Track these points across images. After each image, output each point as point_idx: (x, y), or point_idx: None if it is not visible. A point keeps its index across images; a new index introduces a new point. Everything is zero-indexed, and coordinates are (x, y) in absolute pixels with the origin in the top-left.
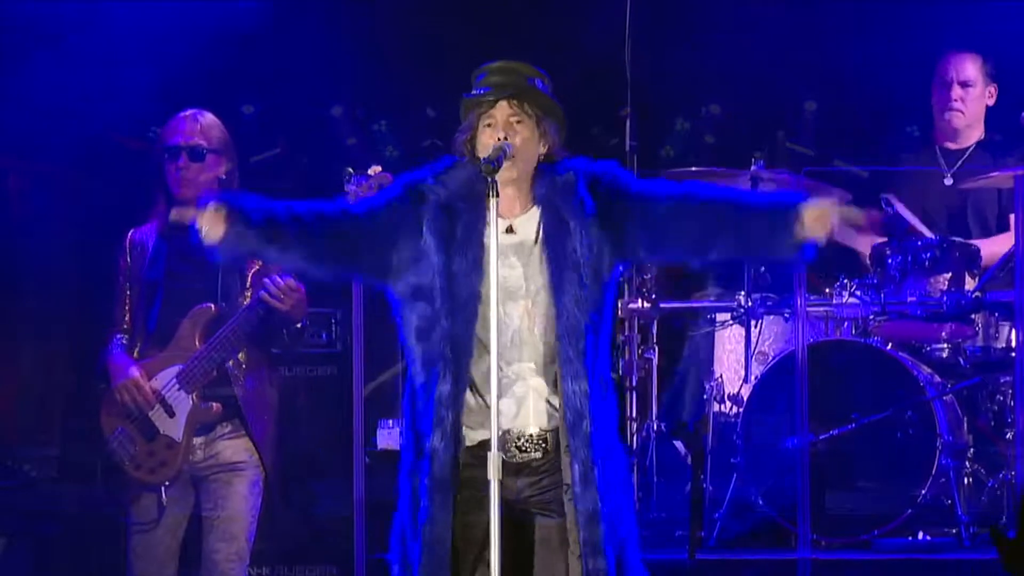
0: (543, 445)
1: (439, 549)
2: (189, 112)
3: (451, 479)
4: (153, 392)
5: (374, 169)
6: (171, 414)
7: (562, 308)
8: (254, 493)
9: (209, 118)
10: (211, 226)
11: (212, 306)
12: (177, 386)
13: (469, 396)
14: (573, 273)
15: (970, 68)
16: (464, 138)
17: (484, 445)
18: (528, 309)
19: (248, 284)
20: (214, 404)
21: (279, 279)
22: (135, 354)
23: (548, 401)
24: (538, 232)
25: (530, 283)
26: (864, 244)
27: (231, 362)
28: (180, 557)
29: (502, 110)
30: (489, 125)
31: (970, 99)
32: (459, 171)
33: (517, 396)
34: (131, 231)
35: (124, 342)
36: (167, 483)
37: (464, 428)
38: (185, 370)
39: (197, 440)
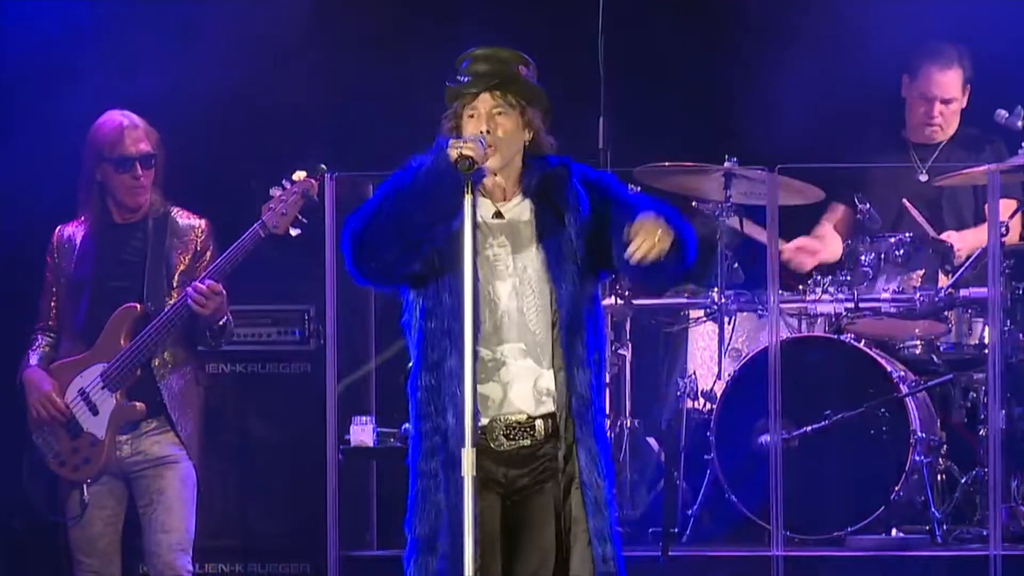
0: (531, 432)
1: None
2: (125, 120)
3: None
4: (65, 405)
5: (299, 174)
6: (95, 412)
7: (563, 299)
8: (188, 484)
9: (142, 121)
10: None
11: (138, 305)
12: (101, 384)
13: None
14: (571, 264)
15: (953, 86)
16: (449, 126)
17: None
18: (516, 287)
19: (175, 284)
20: (138, 403)
21: (201, 284)
22: (58, 352)
23: (535, 385)
24: (531, 221)
25: (517, 261)
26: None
27: (156, 361)
28: (124, 551)
29: (485, 101)
30: (472, 116)
31: (950, 112)
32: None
33: (503, 381)
34: (57, 228)
35: (45, 344)
36: (89, 480)
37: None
38: (109, 369)
39: (122, 438)
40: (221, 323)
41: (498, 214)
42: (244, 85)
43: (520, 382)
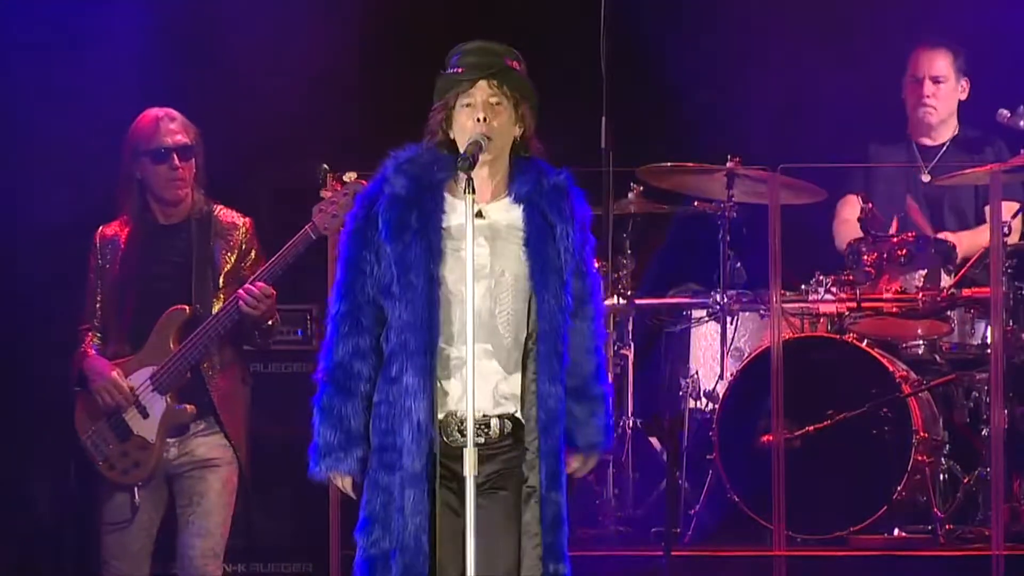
0: (485, 431)
1: (418, 546)
2: (161, 112)
3: (424, 473)
4: (131, 390)
5: (350, 176)
6: (145, 415)
7: (544, 311)
8: (228, 489)
9: (179, 114)
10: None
11: (187, 308)
12: (151, 387)
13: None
14: (555, 276)
15: (941, 63)
16: (439, 118)
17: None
18: (490, 289)
19: (221, 284)
20: (188, 406)
21: (253, 288)
22: (105, 354)
23: (496, 388)
24: (520, 226)
25: (495, 264)
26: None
27: (205, 363)
28: (154, 554)
29: (482, 91)
30: (468, 105)
31: (942, 94)
32: (422, 157)
33: (464, 378)
34: (100, 228)
35: (96, 339)
36: (140, 484)
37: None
38: (160, 372)
39: (170, 440)
40: (270, 323)
41: (479, 214)
42: (244, 85)
43: (480, 382)
